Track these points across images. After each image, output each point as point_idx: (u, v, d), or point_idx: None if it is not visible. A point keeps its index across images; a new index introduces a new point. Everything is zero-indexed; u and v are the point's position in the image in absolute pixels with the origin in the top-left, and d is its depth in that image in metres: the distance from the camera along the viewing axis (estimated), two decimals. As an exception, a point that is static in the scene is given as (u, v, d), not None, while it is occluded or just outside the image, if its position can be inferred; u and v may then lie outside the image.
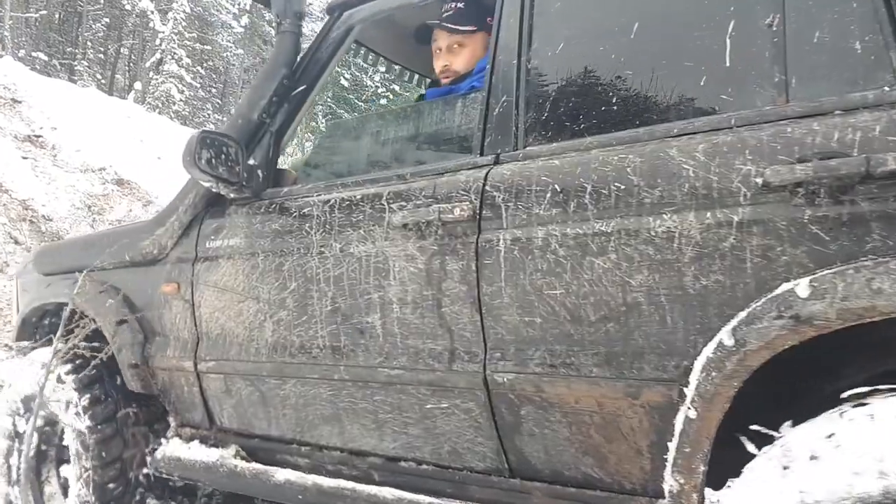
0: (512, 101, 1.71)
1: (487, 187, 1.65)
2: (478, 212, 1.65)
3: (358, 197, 1.89)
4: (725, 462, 1.31)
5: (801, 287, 1.21)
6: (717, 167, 1.36)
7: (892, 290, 1.12)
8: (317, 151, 2.39)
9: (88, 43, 26.41)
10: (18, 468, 2.59)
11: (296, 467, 2.06)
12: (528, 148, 1.66)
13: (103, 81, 26.22)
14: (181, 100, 26.62)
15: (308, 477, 1.96)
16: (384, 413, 1.84)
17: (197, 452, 2.25)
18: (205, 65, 30.54)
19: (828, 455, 1.13)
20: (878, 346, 1.31)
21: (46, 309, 2.78)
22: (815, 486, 1.11)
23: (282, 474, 2.01)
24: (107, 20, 27.11)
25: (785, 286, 1.24)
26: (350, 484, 1.90)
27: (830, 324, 1.18)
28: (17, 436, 2.64)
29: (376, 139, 2.15)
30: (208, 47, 29.93)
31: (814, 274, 1.22)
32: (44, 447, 2.66)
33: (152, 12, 25.95)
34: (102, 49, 27.82)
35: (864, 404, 1.14)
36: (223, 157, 2.03)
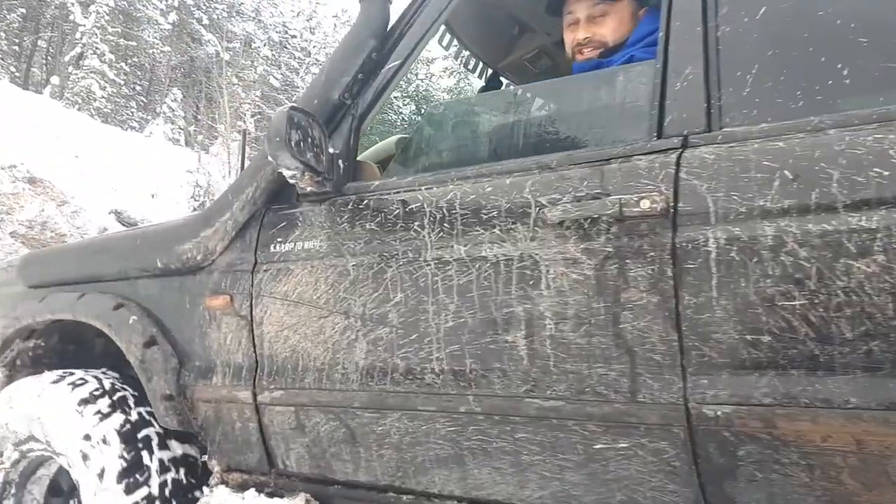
0: (700, 75, 1.44)
1: (683, 174, 1.37)
2: (671, 204, 1.37)
3: (487, 190, 1.58)
4: None
5: None
6: None
7: None
8: (415, 139, 2.05)
9: (2, 34, 24.73)
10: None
11: None
12: (727, 128, 1.39)
13: (17, 75, 24.57)
14: (103, 96, 25.32)
15: None
16: (530, 454, 1.52)
17: (254, 502, 1.87)
18: (129, 61, 29.22)
19: None
20: None
21: (34, 328, 2.33)
22: None
23: None
24: (23, 10, 25.48)
25: None
26: None
27: None
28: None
29: (501, 122, 1.84)
30: (133, 43, 28.64)
31: None
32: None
33: (73, 4, 24.61)
34: (17, 41, 26.12)
35: None
36: (309, 140, 1.67)
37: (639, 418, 1.38)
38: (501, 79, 2.66)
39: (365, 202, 1.75)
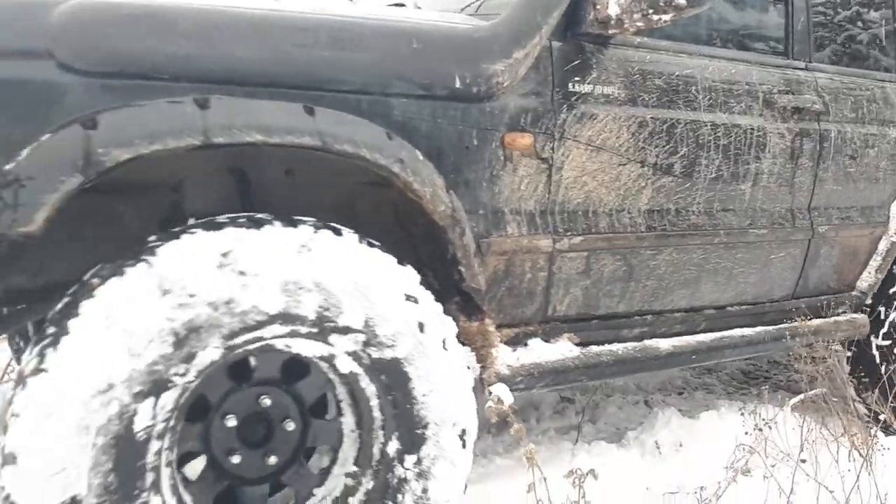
0: None
1: None
2: None
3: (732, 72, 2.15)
4: None
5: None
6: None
7: None
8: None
9: None
10: None
11: (624, 340, 2.10)
12: None
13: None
14: None
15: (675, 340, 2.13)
16: (738, 267, 2.26)
17: (546, 352, 1.85)
18: None
19: None
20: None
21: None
22: None
23: (665, 344, 2.07)
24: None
25: None
26: (683, 340, 2.21)
27: None
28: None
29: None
30: None
31: None
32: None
33: None
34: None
35: None
36: None
37: (796, 236, 2.37)
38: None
39: (649, 58, 1.98)
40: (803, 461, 1.86)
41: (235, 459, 1.48)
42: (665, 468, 2.22)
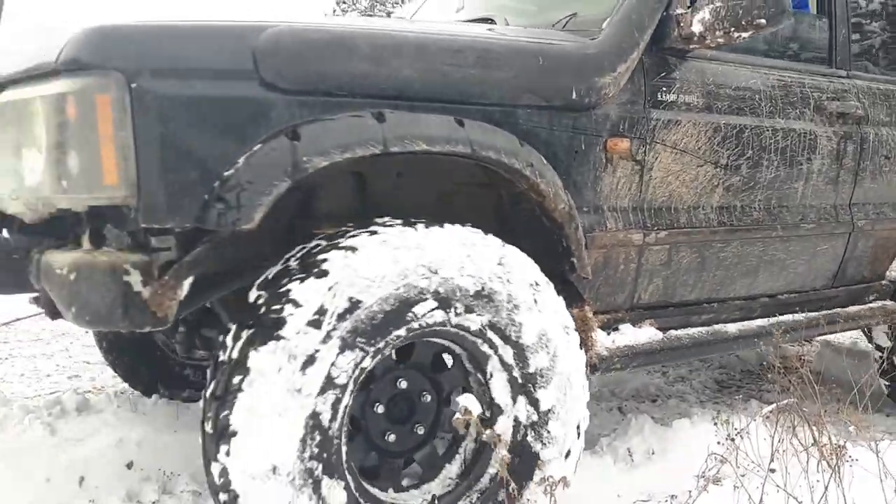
0: None
1: None
2: None
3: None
4: None
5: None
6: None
7: None
8: None
9: None
10: None
11: (692, 325, 2.33)
12: None
13: None
14: None
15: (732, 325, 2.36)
16: (790, 258, 2.50)
17: (636, 335, 2.07)
18: None
19: None
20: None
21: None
22: None
23: (732, 328, 2.30)
24: None
25: None
26: (746, 324, 2.44)
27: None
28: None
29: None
30: None
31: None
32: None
33: None
34: None
35: None
36: None
37: (839, 230, 2.61)
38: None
39: (720, 69, 2.20)
40: (773, 471, 1.88)
41: (379, 409, 1.67)
42: (637, 475, 2.25)
